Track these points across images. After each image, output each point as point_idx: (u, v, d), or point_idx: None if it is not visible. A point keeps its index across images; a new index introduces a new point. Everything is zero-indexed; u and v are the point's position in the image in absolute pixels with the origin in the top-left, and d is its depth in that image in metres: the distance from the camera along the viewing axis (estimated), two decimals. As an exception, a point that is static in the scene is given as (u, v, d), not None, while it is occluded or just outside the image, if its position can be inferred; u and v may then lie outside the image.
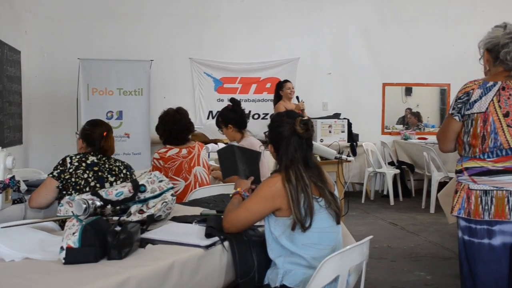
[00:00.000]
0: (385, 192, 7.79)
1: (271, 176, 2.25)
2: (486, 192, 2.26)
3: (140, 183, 2.47)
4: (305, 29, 8.23)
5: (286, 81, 7.01)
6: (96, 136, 3.06)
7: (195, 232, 2.27)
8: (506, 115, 2.24)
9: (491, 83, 2.29)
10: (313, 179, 2.23)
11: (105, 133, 3.07)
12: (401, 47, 8.48)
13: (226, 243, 2.19)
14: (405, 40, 8.48)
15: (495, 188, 2.24)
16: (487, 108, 2.26)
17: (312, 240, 2.17)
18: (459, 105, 2.33)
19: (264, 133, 2.42)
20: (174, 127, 3.83)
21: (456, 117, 2.35)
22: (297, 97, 6.90)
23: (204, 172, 3.91)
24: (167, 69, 7.82)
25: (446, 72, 8.32)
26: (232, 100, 4.33)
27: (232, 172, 2.89)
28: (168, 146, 3.86)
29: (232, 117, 4.25)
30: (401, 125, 8.85)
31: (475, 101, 2.29)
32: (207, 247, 2.10)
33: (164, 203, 2.48)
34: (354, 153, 7.51)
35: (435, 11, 8.45)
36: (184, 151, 3.83)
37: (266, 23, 8.15)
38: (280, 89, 6.86)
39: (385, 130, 8.68)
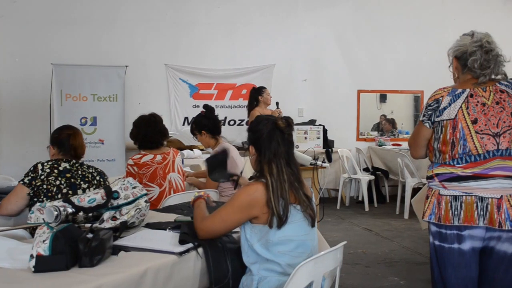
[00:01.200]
0: (360, 198, 7.86)
1: (250, 184, 2.24)
2: (455, 197, 2.29)
3: (113, 189, 2.44)
4: (280, 36, 8.28)
5: (264, 87, 7.01)
6: (64, 136, 3.04)
7: (168, 239, 2.25)
8: (474, 122, 2.28)
9: (459, 90, 2.34)
10: (291, 177, 2.24)
11: (72, 132, 3.07)
12: (376, 55, 8.59)
13: (200, 250, 2.19)
14: (379, 48, 8.59)
15: (464, 194, 2.28)
16: (456, 115, 2.30)
17: (288, 248, 2.18)
18: (429, 112, 2.37)
19: (243, 142, 2.43)
20: (149, 130, 3.81)
21: (427, 124, 2.39)
22: (277, 103, 6.92)
23: (179, 179, 3.90)
24: (142, 75, 7.77)
25: (420, 79, 8.44)
26: (205, 106, 4.34)
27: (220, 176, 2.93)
28: (142, 152, 3.84)
29: (206, 123, 4.25)
30: (376, 132, 8.95)
31: (444, 108, 2.33)
32: (181, 253, 2.09)
33: (138, 210, 2.46)
34: (330, 160, 7.54)
35: (409, 19, 8.58)
36: (158, 157, 3.81)
37: (242, 30, 8.18)
38: (259, 94, 6.82)
39: (360, 137, 8.77)
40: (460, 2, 8.63)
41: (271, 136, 2.26)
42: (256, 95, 6.85)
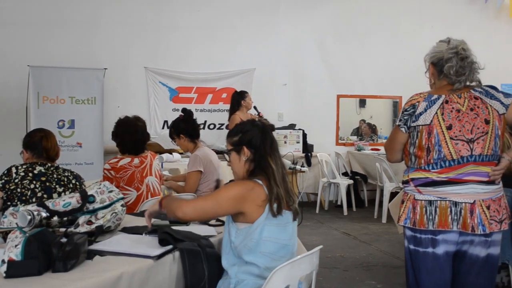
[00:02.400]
0: (339, 202, 7.90)
1: (247, 180, 2.27)
2: (430, 202, 2.32)
3: (89, 193, 2.42)
4: (261, 41, 8.29)
5: (246, 91, 6.94)
6: (36, 138, 3.01)
7: (145, 243, 2.24)
8: (449, 127, 2.31)
9: (435, 96, 2.37)
10: (282, 170, 2.31)
11: (44, 134, 3.03)
12: (355, 60, 8.65)
13: (176, 253, 2.17)
14: (359, 53, 8.66)
15: (439, 199, 2.31)
16: (431, 121, 2.32)
17: (270, 249, 2.20)
18: (405, 117, 2.40)
19: (224, 153, 2.43)
20: (135, 136, 3.77)
21: (403, 129, 2.41)
22: (255, 107, 6.90)
23: (156, 182, 3.87)
24: (122, 77, 7.71)
25: (398, 85, 8.52)
26: (183, 110, 4.33)
27: None
28: (119, 156, 3.80)
29: (184, 127, 4.25)
30: (356, 136, 9.01)
31: (420, 114, 2.35)
32: (157, 257, 2.07)
33: (114, 214, 2.44)
34: (309, 164, 7.60)
35: (388, 25, 8.67)
36: (136, 160, 3.77)
37: (222, 34, 8.17)
38: (242, 98, 6.73)
39: (340, 141, 8.82)
40: (438, 10, 8.75)
41: (265, 133, 2.33)
42: (238, 99, 6.75)
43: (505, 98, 2.36)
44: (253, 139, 2.31)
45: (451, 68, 2.37)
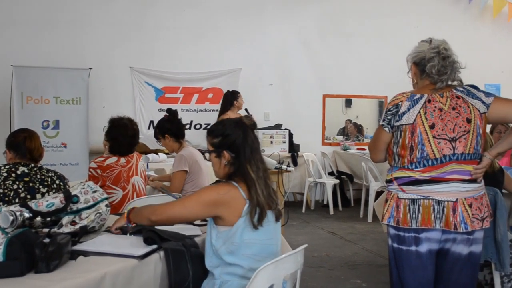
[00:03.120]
0: (325, 202, 7.93)
1: (221, 184, 2.24)
2: (413, 201, 2.34)
3: (72, 193, 2.40)
4: (247, 40, 8.30)
5: (238, 91, 6.96)
6: (20, 139, 2.99)
7: (129, 243, 2.23)
8: (432, 126, 2.33)
9: (418, 95, 2.39)
10: (265, 174, 2.27)
11: (27, 134, 3.01)
12: (341, 60, 8.69)
13: (161, 253, 2.17)
14: (344, 53, 8.70)
15: (422, 197, 2.33)
16: (414, 120, 2.34)
17: (253, 251, 2.19)
18: (389, 117, 2.41)
19: (203, 152, 2.40)
20: (127, 139, 3.77)
21: (386, 128, 2.43)
22: (246, 109, 6.93)
23: (141, 182, 3.86)
24: (107, 78, 7.67)
25: (384, 85, 8.57)
26: (168, 110, 4.32)
27: None
28: (105, 155, 3.79)
29: (169, 127, 4.24)
30: (342, 136, 9.05)
31: (403, 113, 2.37)
32: (141, 257, 2.07)
33: (98, 214, 2.43)
34: (295, 163, 7.62)
35: (373, 25, 8.72)
36: (122, 160, 3.76)
37: (208, 34, 8.16)
38: (235, 99, 6.75)
39: (326, 141, 8.85)
40: (422, 10, 8.83)
41: (246, 136, 2.28)
42: (231, 99, 6.77)
43: (486, 97, 2.38)
44: (235, 143, 2.26)
45: (433, 67, 2.39)
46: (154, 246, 2.18)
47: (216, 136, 2.30)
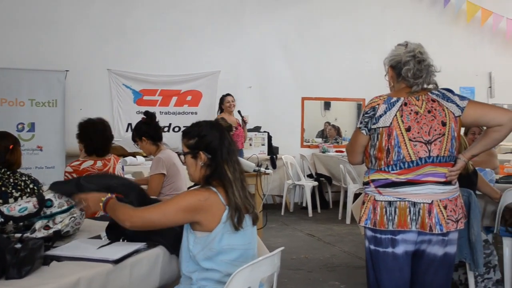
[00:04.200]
0: (304, 204, 7.95)
1: (201, 189, 2.20)
2: (390, 203, 2.35)
3: (46, 197, 2.37)
4: (226, 43, 8.29)
5: (227, 94, 7.06)
6: (1, 148, 2.91)
7: (104, 247, 2.20)
8: (408, 129, 2.35)
9: (394, 98, 2.41)
10: (241, 175, 2.26)
11: (11, 146, 2.93)
12: (320, 63, 8.74)
13: (135, 258, 2.14)
14: (323, 56, 8.76)
15: (398, 199, 2.34)
16: (391, 123, 2.36)
17: (231, 257, 2.18)
18: (366, 120, 2.43)
19: (179, 154, 2.38)
20: (104, 135, 3.72)
21: (364, 131, 2.44)
22: (239, 112, 6.97)
23: (115, 185, 3.81)
24: (84, 80, 7.58)
25: (361, 87, 8.64)
26: (146, 113, 4.29)
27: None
28: (81, 159, 3.74)
29: (146, 130, 4.20)
30: (321, 139, 9.10)
31: (380, 116, 2.38)
32: (116, 261, 2.04)
33: (72, 218, 2.40)
34: (274, 166, 7.63)
35: (351, 29, 8.80)
36: (99, 163, 3.71)
37: (187, 36, 8.13)
38: (221, 102, 6.93)
39: (304, 143, 8.89)
40: (399, 14, 8.95)
41: (223, 137, 2.27)
42: (220, 103, 6.98)
43: (461, 100, 2.41)
44: (211, 144, 2.24)
45: (409, 71, 2.41)
46: (130, 250, 2.16)
47: (192, 137, 2.28)
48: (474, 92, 9.22)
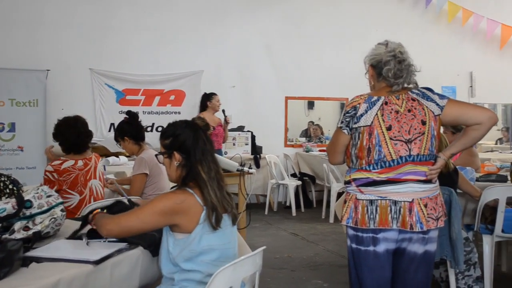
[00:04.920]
0: (287, 203, 7.97)
1: (177, 191, 2.19)
2: (371, 201, 2.37)
3: (26, 198, 2.34)
4: (209, 42, 8.27)
5: (214, 93, 7.02)
6: None
7: (85, 248, 2.18)
8: (389, 128, 2.37)
9: (375, 97, 2.42)
10: (218, 175, 2.25)
11: None
12: (303, 63, 8.76)
13: (117, 258, 2.12)
14: (306, 56, 8.77)
15: (379, 198, 2.36)
16: (372, 122, 2.38)
17: (211, 257, 2.17)
18: (347, 119, 2.44)
19: (156, 155, 2.37)
20: (77, 131, 3.68)
21: (345, 131, 2.45)
22: (223, 111, 6.95)
23: (99, 186, 3.79)
24: (66, 79, 7.51)
25: (344, 87, 8.66)
26: (128, 112, 4.27)
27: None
28: (62, 158, 3.70)
29: (128, 129, 4.18)
30: (304, 138, 9.12)
31: (361, 115, 2.40)
32: (97, 262, 2.02)
33: (53, 219, 2.37)
34: (258, 165, 7.63)
35: (334, 28, 8.84)
36: (80, 162, 3.68)
37: (170, 35, 8.10)
38: (208, 100, 6.86)
39: (288, 143, 8.90)
40: (382, 14, 9.00)
41: (197, 137, 2.26)
42: (205, 100, 6.91)
43: (440, 99, 2.44)
44: (185, 143, 2.24)
45: (389, 70, 2.43)
46: (111, 251, 2.14)
47: (167, 137, 2.28)
48: (455, 92, 9.32)
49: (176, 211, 2.11)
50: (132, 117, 4.24)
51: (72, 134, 3.66)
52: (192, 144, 2.24)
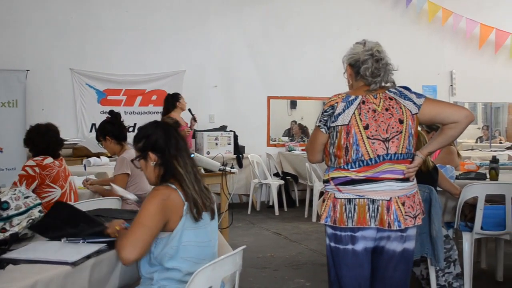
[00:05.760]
0: (270, 203, 7.98)
1: (160, 187, 2.19)
2: (349, 200, 2.38)
3: (2, 199, 2.31)
4: (191, 42, 8.25)
5: (178, 93, 6.94)
6: None
7: (63, 249, 2.16)
8: (366, 127, 2.38)
9: (352, 97, 2.43)
10: (194, 169, 2.28)
11: None
12: (286, 62, 8.78)
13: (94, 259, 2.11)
14: (289, 55, 8.79)
15: (357, 197, 2.37)
16: (349, 121, 2.39)
17: (191, 254, 2.18)
18: (325, 118, 2.44)
19: (132, 160, 2.36)
20: (47, 142, 3.81)
21: (323, 129, 2.45)
22: (189, 110, 6.91)
23: (74, 182, 4.02)
24: (46, 79, 7.44)
25: (327, 86, 8.62)
26: (110, 112, 4.28)
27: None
28: (42, 156, 3.79)
29: (110, 129, 4.20)
30: (287, 137, 9.14)
31: (339, 114, 2.41)
32: (75, 263, 2.00)
33: (31, 221, 2.35)
34: (240, 165, 7.63)
35: (317, 28, 8.87)
36: (56, 162, 3.88)
37: (152, 35, 8.06)
38: (177, 100, 6.77)
39: (271, 142, 8.91)
40: (363, 13, 9.06)
41: (168, 134, 2.29)
42: (173, 100, 6.80)
43: (417, 98, 2.46)
44: (157, 142, 2.27)
45: (367, 69, 2.44)
46: (90, 251, 2.12)
47: (140, 140, 2.31)
48: (436, 90, 9.41)
49: (165, 206, 2.13)
50: (114, 116, 4.25)
51: (42, 143, 3.80)
52: (165, 142, 2.27)
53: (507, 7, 9.70)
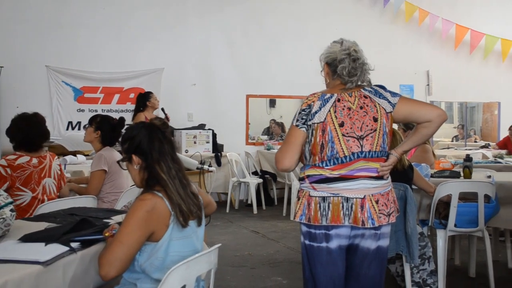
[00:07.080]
0: (249, 201, 7.98)
1: (145, 196, 2.13)
2: (324, 198, 2.38)
3: (-27, 198, 2.26)
4: (169, 40, 8.21)
5: (150, 92, 6.91)
6: None
7: (35, 248, 2.13)
8: (341, 125, 2.40)
9: (328, 95, 2.45)
10: (179, 174, 2.23)
11: None
12: (265, 60, 8.79)
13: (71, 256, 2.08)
14: (268, 54, 8.81)
15: (332, 195, 2.38)
16: (325, 119, 2.39)
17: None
18: (303, 117, 2.42)
19: (118, 162, 2.33)
20: (31, 131, 3.62)
21: (303, 128, 2.41)
22: (163, 109, 6.87)
23: (53, 185, 3.75)
24: (21, 77, 7.33)
25: (306, 85, 8.59)
26: (120, 118, 4.27)
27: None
28: (18, 153, 3.63)
29: (107, 128, 4.18)
30: (266, 136, 9.15)
31: (315, 112, 2.41)
32: (47, 263, 1.97)
33: (2, 220, 2.30)
34: (219, 164, 7.61)
35: (296, 26, 8.90)
36: (34, 160, 3.64)
37: (129, 33, 8.00)
38: (147, 100, 6.73)
39: (250, 141, 8.92)
40: (341, 13, 9.12)
41: (152, 137, 2.23)
42: (143, 100, 6.76)
43: (392, 97, 2.48)
44: (140, 145, 2.22)
45: (344, 69, 2.46)
46: (62, 250, 2.09)
47: (125, 141, 2.28)
48: (413, 90, 9.53)
49: (149, 219, 2.07)
50: (119, 122, 4.21)
51: (22, 133, 3.60)
52: (148, 145, 2.22)
53: (481, 8, 9.87)
